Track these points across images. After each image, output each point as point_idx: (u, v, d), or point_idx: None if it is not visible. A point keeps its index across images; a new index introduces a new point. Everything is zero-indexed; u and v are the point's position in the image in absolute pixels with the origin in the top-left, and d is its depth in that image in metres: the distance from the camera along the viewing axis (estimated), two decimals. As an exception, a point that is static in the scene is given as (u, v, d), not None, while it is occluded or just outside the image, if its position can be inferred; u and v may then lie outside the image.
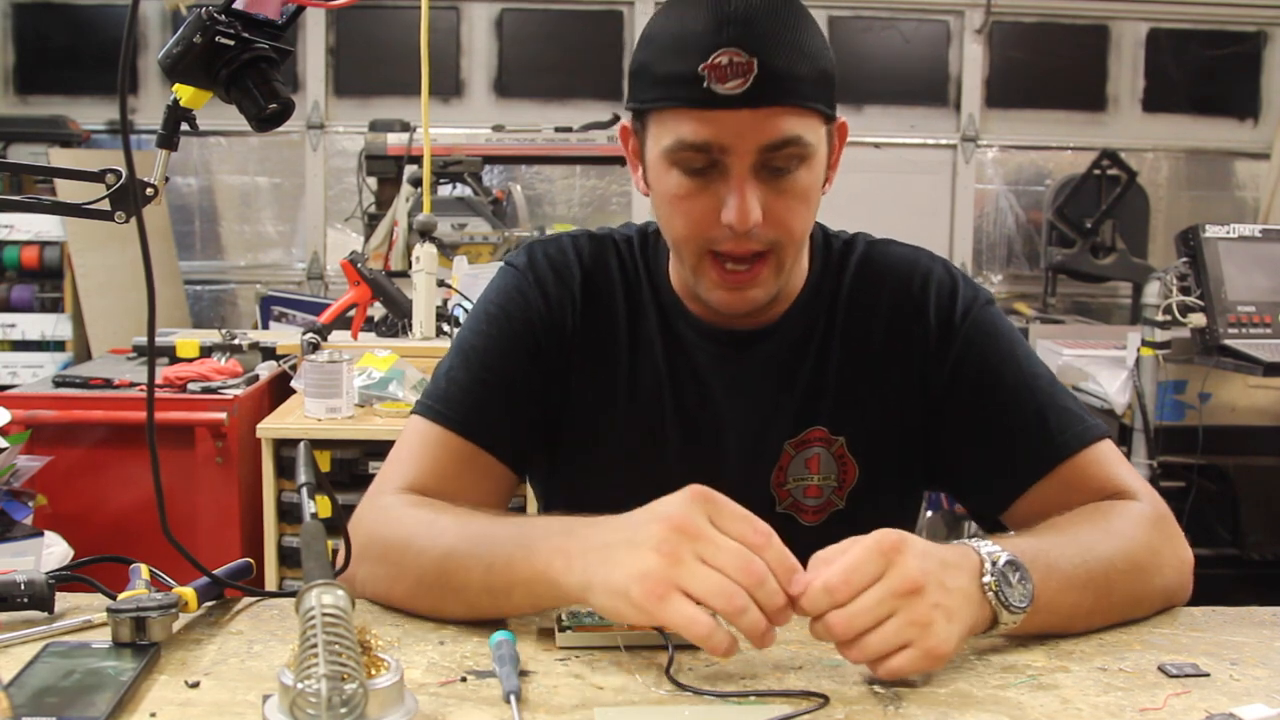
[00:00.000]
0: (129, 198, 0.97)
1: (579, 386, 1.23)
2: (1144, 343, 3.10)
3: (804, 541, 1.21)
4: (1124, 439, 3.18)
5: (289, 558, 2.65)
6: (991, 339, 1.21)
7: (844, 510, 1.22)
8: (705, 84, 1.04)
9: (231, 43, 0.96)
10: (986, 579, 0.92)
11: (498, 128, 4.50)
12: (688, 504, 0.88)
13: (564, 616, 0.99)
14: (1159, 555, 1.08)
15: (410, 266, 3.23)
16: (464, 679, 0.89)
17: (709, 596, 0.84)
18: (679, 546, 0.85)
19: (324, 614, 0.76)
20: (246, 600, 1.06)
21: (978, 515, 1.26)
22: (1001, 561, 0.93)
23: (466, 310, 2.86)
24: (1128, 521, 1.09)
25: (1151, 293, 3.11)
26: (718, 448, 1.23)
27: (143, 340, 2.81)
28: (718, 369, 1.22)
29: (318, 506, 0.89)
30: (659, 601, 0.84)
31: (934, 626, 0.88)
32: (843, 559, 0.89)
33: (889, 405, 1.22)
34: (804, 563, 0.98)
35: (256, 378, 2.96)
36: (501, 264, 1.29)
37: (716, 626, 0.84)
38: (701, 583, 0.84)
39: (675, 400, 1.22)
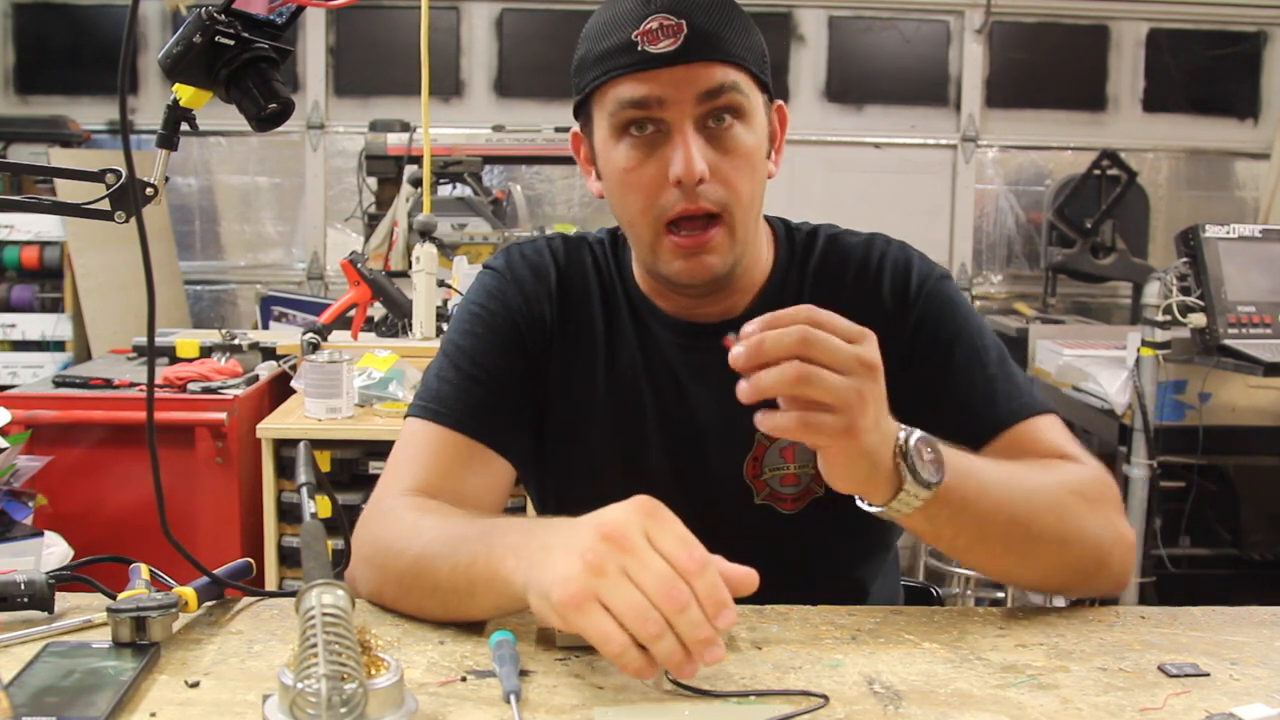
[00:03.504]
0: (129, 198, 0.97)
1: (560, 381, 1.25)
2: (1144, 343, 3.10)
3: (785, 531, 1.23)
4: (1124, 439, 3.18)
5: (289, 558, 2.65)
6: (946, 310, 1.22)
7: (824, 497, 1.23)
8: (639, 48, 1.09)
9: (231, 43, 0.96)
10: (899, 443, 0.96)
11: (498, 128, 4.50)
12: (627, 515, 0.85)
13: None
14: (1092, 508, 1.09)
15: (410, 266, 3.23)
16: (464, 679, 0.90)
17: (623, 615, 0.81)
18: (606, 557, 0.82)
19: (324, 614, 0.76)
20: (246, 600, 1.06)
21: None
22: (917, 436, 0.97)
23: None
24: (1067, 473, 1.11)
25: (1151, 293, 3.11)
26: (694, 440, 1.24)
27: (143, 340, 2.80)
28: (687, 360, 1.24)
29: (318, 506, 0.89)
30: (576, 610, 0.82)
31: (866, 416, 0.91)
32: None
33: None
34: (785, 552, 0.98)
35: (256, 378, 2.96)
36: (481, 267, 1.32)
37: (629, 646, 0.81)
38: (619, 599, 0.81)
39: (652, 392, 1.24)
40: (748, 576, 0.86)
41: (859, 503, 1.01)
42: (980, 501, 1.01)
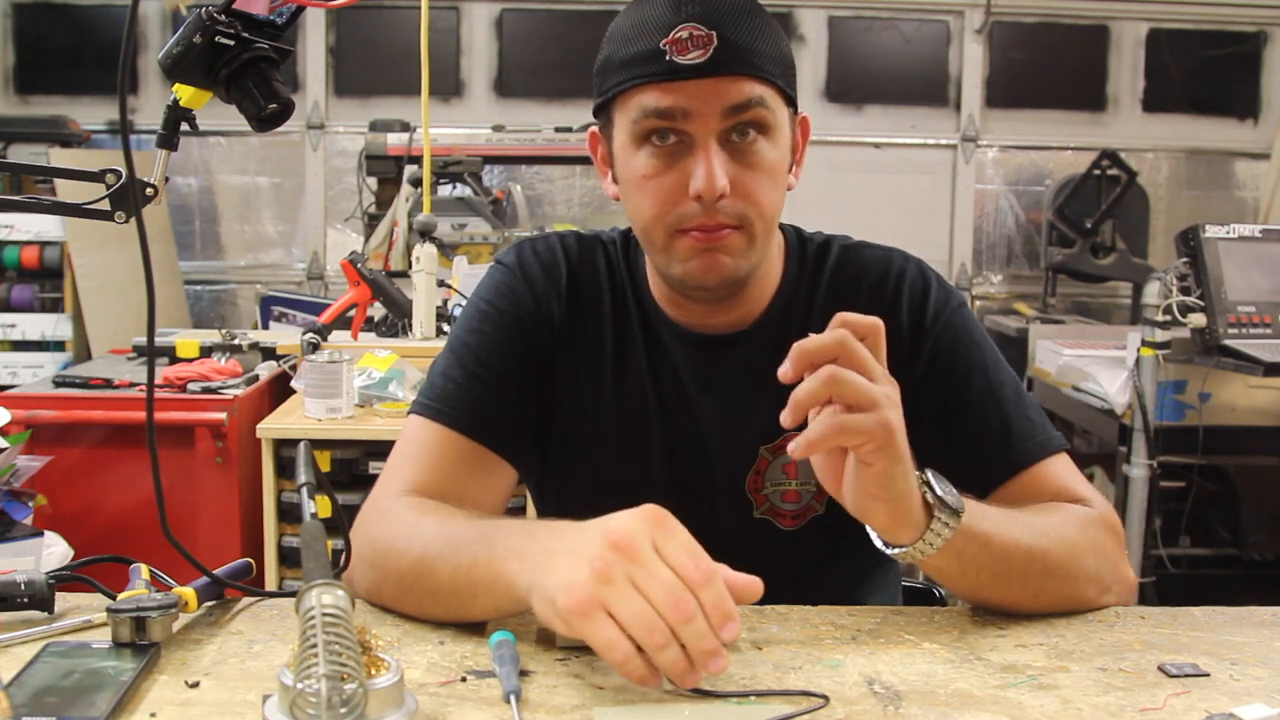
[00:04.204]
0: (129, 198, 0.97)
1: (566, 382, 1.24)
2: (1144, 343, 3.10)
3: (782, 547, 1.22)
4: (1124, 439, 3.18)
5: (289, 558, 2.65)
6: (961, 343, 1.21)
7: (824, 516, 1.22)
8: (667, 57, 1.06)
9: (231, 43, 0.96)
10: (917, 475, 0.96)
11: (498, 128, 4.50)
12: (635, 523, 0.84)
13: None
14: (1099, 548, 1.10)
15: (410, 266, 3.23)
16: (464, 679, 0.90)
17: (628, 624, 0.81)
18: (613, 565, 0.82)
19: (324, 614, 0.76)
20: (246, 600, 1.06)
21: None
22: (931, 471, 0.98)
23: (466, 310, 2.85)
24: (1074, 513, 1.12)
25: (1151, 293, 3.11)
26: (697, 450, 1.23)
27: (143, 340, 2.80)
28: (694, 370, 1.23)
29: (318, 506, 0.89)
30: (581, 617, 0.82)
31: (898, 412, 0.92)
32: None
33: None
34: (781, 568, 0.98)
35: (256, 378, 2.96)
36: (492, 262, 1.30)
37: (634, 654, 0.81)
38: (625, 607, 0.81)
39: (658, 400, 1.23)
40: (751, 584, 0.87)
41: (882, 548, 0.99)
42: (1002, 534, 1.01)
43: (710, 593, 0.82)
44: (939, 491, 0.97)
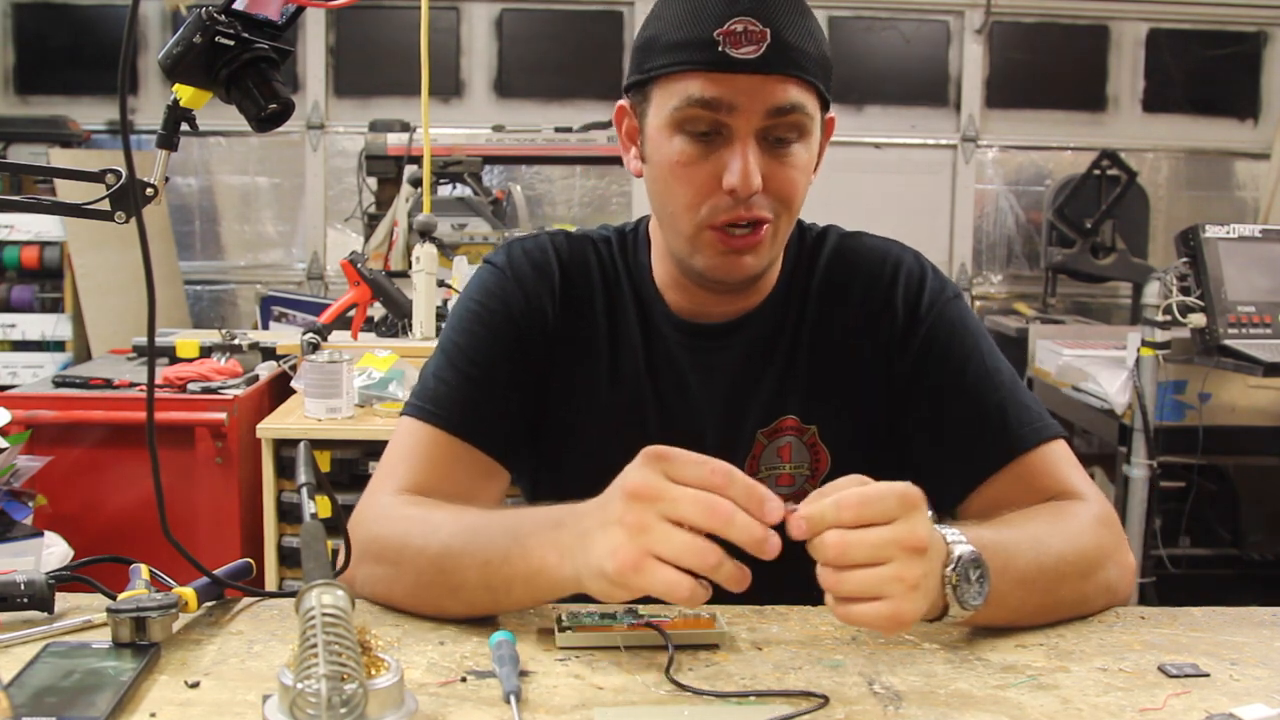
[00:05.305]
0: (129, 198, 0.97)
1: (561, 379, 1.24)
2: (1144, 343, 3.10)
3: (776, 531, 1.22)
4: (1124, 439, 3.18)
5: (289, 558, 2.65)
6: (957, 332, 1.22)
7: None
8: (719, 48, 1.06)
9: (231, 43, 0.96)
10: (948, 571, 0.92)
11: (498, 128, 4.50)
12: (641, 469, 0.87)
13: (564, 617, 0.99)
14: (1106, 556, 1.09)
15: (410, 266, 3.23)
16: (464, 679, 0.90)
17: (680, 558, 0.83)
18: (642, 514, 0.84)
19: (324, 614, 0.76)
20: (246, 600, 1.06)
21: (935, 506, 1.26)
22: (966, 557, 0.93)
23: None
24: (1079, 521, 1.10)
25: (1151, 293, 3.11)
26: (695, 438, 1.23)
27: (143, 340, 2.80)
28: (692, 360, 1.24)
29: (318, 506, 0.89)
30: (635, 573, 0.84)
31: (914, 594, 0.87)
32: (864, 488, 0.88)
33: (859, 394, 1.24)
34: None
35: (256, 378, 2.96)
36: (481, 262, 1.30)
37: (696, 587, 0.83)
38: (670, 545, 0.83)
39: (655, 391, 1.24)
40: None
41: None
42: (1016, 591, 0.99)
43: (738, 487, 0.84)
44: (962, 594, 0.92)
